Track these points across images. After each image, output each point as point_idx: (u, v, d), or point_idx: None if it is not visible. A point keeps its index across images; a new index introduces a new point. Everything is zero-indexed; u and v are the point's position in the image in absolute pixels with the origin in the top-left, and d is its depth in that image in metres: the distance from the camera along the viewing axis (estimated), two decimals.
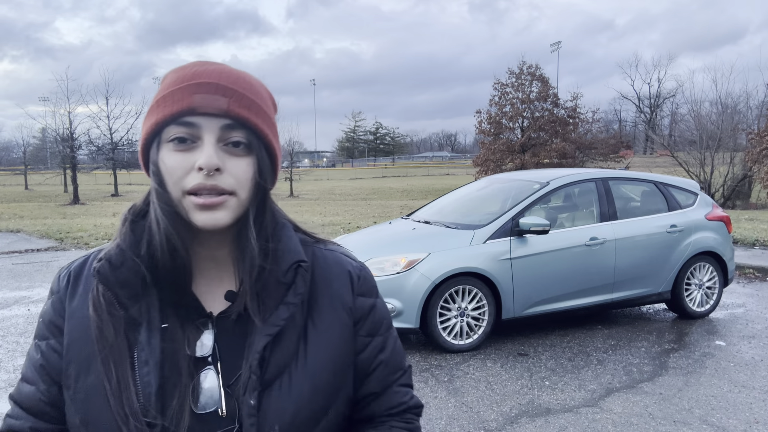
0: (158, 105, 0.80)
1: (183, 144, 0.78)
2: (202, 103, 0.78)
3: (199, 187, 0.77)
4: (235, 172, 0.79)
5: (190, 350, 0.81)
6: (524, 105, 31.88)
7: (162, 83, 0.84)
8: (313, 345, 0.86)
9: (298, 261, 0.87)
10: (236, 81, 0.81)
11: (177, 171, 0.78)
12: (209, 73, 0.80)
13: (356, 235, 6.27)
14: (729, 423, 3.68)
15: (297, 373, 0.83)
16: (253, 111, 0.81)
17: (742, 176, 22.68)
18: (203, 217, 0.78)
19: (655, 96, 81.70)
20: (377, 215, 16.76)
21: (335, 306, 0.90)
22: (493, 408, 3.96)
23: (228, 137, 0.79)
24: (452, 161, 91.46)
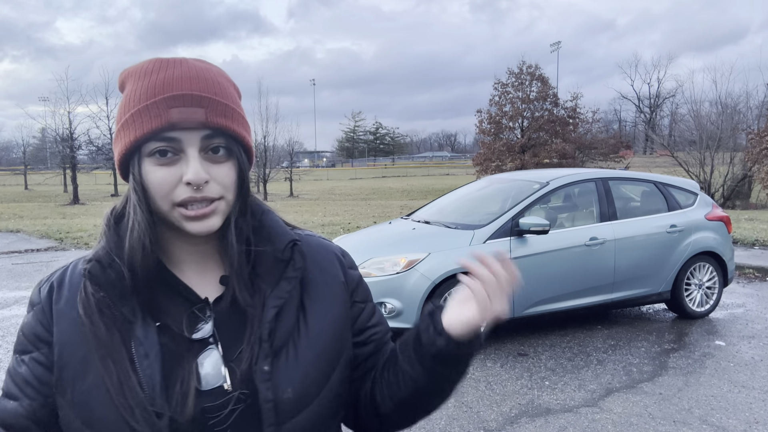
0: (134, 120, 0.81)
1: (165, 157, 0.80)
2: (181, 118, 0.79)
3: (190, 200, 0.80)
4: (220, 179, 0.82)
5: (189, 334, 0.84)
6: (524, 105, 31.88)
7: (127, 88, 0.84)
8: (312, 316, 0.91)
9: (293, 240, 0.93)
10: (208, 86, 0.82)
11: (164, 186, 0.80)
12: (181, 81, 0.81)
13: (356, 235, 6.27)
14: (729, 423, 3.68)
15: (300, 341, 0.88)
16: (230, 117, 0.83)
17: (742, 176, 22.68)
18: (196, 227, 0.82)
19: (654, 96, 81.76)
20: (377, 215, 16.76)
21: (327, 281, 0.96)
22: (493, 408, 3.96)
23: (208, 145, 0.82)
24: (452, 161, 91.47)
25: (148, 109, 0.79)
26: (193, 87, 0.81)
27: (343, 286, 0.97)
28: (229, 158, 0.84)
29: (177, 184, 0.80)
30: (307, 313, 0.91)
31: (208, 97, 0.81)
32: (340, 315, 0.95)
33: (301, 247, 0.94)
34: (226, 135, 0.83)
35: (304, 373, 0.87)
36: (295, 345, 0.88)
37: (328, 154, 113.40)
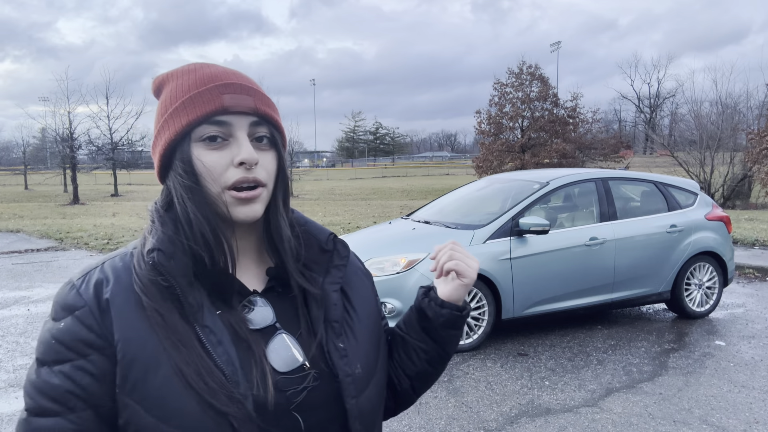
0: (184, 107, 0.84)
1: (214, 142, 0.83)
2: (233, 103, 0.83)
3: (242, 180, 0.83)
4: (265, 165, 0.86)
5: (250, 323, 0.87)
6: (524, 105, 31.86)
7: (167, 89, 0.88)
8: (355, 301, 0.97)
9: (332, 233, 1.00)
10: (251, 82, 0.89)
11: (216, 168, 0.83)
12: (227, 74, 0.87)
13: (356, 235, 6.27)
14: (729, 423, 3.68)
15: (354, 323, 0.94)
16: (272, 108, 0.89)
17: (742, 176, 22.66)
18: (243, 211, 0.84)
19: (654, 96, 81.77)
20: (377, 215, 16.76)
21: (357, 273, 1.03)
22: (493, 408, 3.96)
23: (255, 133, 0.86)
24: (452, 161, 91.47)
25: (200, 95, 0.83)
26: (240, 78, 0.87)
27: (367, 276, 1.06)
28: (271, 148, 0.88)
29: (228, 167, 0.83)
30: (351, 299, 0.97)
31: (254, 88, 0.87)
32: (375, 303, 1.03)
33: (340, 239, 1.00)
34: (270, 124, 0.88)
35: (365, 351, 0.93)
36: (351, 327, 0.93)
37: (328, 154, 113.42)
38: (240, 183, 0.83)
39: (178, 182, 0.84)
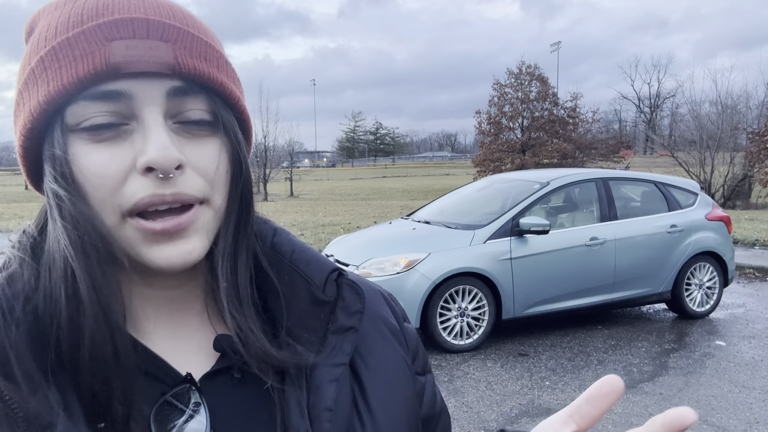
0: (44, 67, 0.47)
1: (106, 130, 0.47)
2: (129, 55, 0.46)
3: (152, 200, 0.47)
4: (202, 166, 0.50)
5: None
6: (523, 105, 31.88)
7: (38, 28, 0.51)
8: (374, 391, 0.57)
9: (336, 268, 0.59)
10: (174, 13, 0.50)
11: (107, 179, 0.47)
12: (127, 3, 0.49)
13: (356, 235, 6.28)
14: (729, 423, 3.68)
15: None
16: (213, 61, 0.51)
17: (742, 176, 22.66)
18: (166, 254, 0.48)
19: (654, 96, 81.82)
20: (377, 215, 16.76)
21: (382, 331, 0.62)
22: (493, 408, 3.96)
23: (180, 110, 0.49)
24: (452, 161, 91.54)
25: (71, 43, 0.47)
26: (149, 11, 0.49)
27: (401, 341, 0.63)
28: (215, 132, 0.51)
29: (127, 174, 0.47)
30: (366, 392, 0.56)
31: (175, 26, 0.49)
32: (411, 394, 0.61)
33: (350, 278, 0.60)
34: (208, 91, 0.50)
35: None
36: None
37: (329, 154, 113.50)
38: (146, 204, 0.47)
39: (52, 201, 0.48)
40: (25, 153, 0.50)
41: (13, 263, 0.50)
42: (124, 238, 0.48)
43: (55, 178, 0.47)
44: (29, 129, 0.48)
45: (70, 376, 0.47)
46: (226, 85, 0.51)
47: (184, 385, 0.51)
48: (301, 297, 0.57)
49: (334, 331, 0.56)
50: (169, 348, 0.54)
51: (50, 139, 0.48)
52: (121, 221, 0.48)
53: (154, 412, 0.49)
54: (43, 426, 0.44)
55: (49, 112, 0.47)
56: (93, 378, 0.46)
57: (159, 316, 0.55)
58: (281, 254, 0.59)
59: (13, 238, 0.53)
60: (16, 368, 0.44)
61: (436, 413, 0.66)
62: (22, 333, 0.46)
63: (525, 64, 32.37)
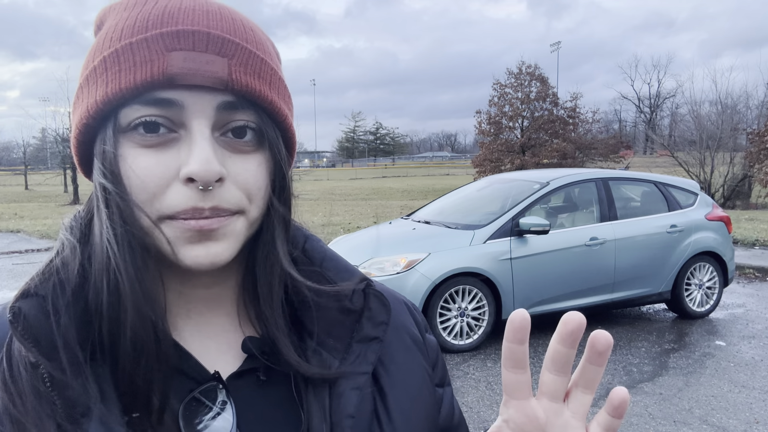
0: (106, 68, 0.49)
1: (154, 134, 0.49)
2: (186, 68, 0.48)
3: (192, 212, 0.49)
4: (243, 179, 0.51)
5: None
6: (523, 105, 31.88)
7: (105, 26, 0.53)
8: (395, 401, 0.58)
9: (365, 279, 0.60)
10: (234, 27, 0.52)
11: (150, 183, 0.49)
12: (192, 13, 0.50)
13: (356, 235, 6.28)
14: (729, 423, 3.69)
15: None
16: (266, 78, 0.52)
17: (742, 176, 22.66)
18: (195, 253, 0.50)
19: (654, 96, 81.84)
20: (377, 215, 16.76)
21: (405, 341, 0.63)
22: (493, 408, 3.96)
23: (227, 122, 0.51)
24: (452, 161, 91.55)
25: (132, 49, 0.48)
26: (211, 24, 0.50)
27: (423, 353, 0.65)
28: (258, 148, 0.53)
29: (171, 180, 0.49)
30: (388, 401, 0.57)
31: (233, 42, 0.50)
32: (431, 405, 0.63)
33: (378, 288, 0.61)
34: (257, 108, 0.52)
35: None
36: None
37: (328, 154, 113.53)
38: (186, 216, 0.49)
39: (99, 192, 0.50)
40: (79, 145, 0.53)
41: (66, 248, 0.52)
42: (159, 236, 0.50)
43: (104, 174, 0.49)
44: (84, 125, 0.51)
45: (108, 366, 0.49)
46: (276, 103, 0.53)
47: (212, 383, 0.53)
48: (329, 305, 0.58)
49: (359, 340, 0.57)
50: (199, 346, 0.56)
51: (102, 136, 0.50)
52: (158, 221, 0.50)
53: (182, 408, 0.51)
54: (80, 412, 0.46)
55: (104, 112, 0.49)
56: (133, 368, 0.48)
57: (191, 314, 0.57)
58: (312, 261, 0.61)
59: (66, 221, 0.55)
60: (62, 354, 0.46)
61: (453, 426, 0.66)
62: (70, 320, 0.48)
63: (525, 64, 32.39)
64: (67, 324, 0.48)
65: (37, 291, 0.49)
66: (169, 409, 0.50)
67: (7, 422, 0.46)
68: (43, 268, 0.51)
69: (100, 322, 0.49)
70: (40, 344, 0.46)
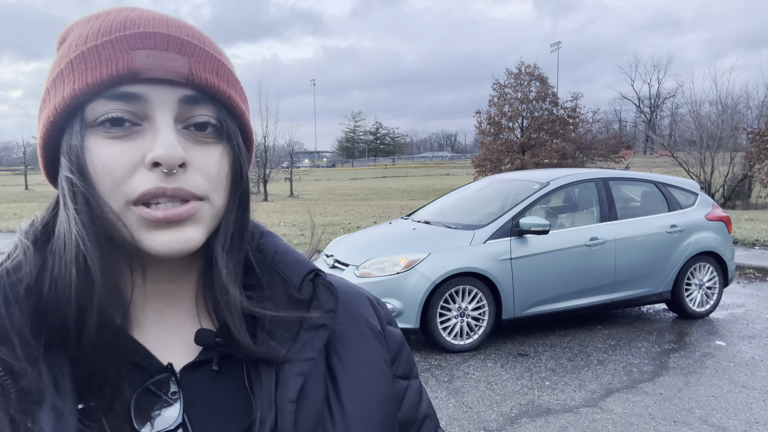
0: (72, 68, 0.52)
1: (120, 127, 0.52)
2: (150, 64, 0.51)
3: (155, 192, 0.51)
4: (204, 168, 0.54)
5: (138, 426, 0.52)
6: (523, 105, 31.89)
7: (67, 40, 0.56)
8: (347, 388, 0.61)
9: (314, 269, 0.63)
10: (192, 32, 0.56)
11: (116, 170, 0.51)
12: (152, 20, 0.54)
13: (356, 235, 6.28)
14: (729, 423, 3.68)
15: (335, 430, 0.58)
16: (224, 77, 0.56)
17: (742, 176, 22.66)
18: (164, 239, 0.52)
19: (655, 96, 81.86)
20: (377, 215, 16.76)
21: (363, 331, 0.66)
22: (493, 408, 3.96)
23: (189, 116, 0.54)
24: (452, 161, 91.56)
25: (98, 50, 0.52)
26: (170, 28, 0.54)
27: (381, 343, 0.67)
28: (218, 140, 0.56)
29: (136, 167, 0.51)
30: (339, 384, 0.60)
31: (192, 43, 0.54)
32: (386, 394, 0.64)
33: (328, 279, 0.64)
34: (217, 102, 0.56)
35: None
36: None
37: (328, 154, 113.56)
38: (152, 195, 0.51)
39: (66, 187, 0.52)
40: (45, 145, 0.55)
41: (19, 251, 0.55)
42: (128, 225, 0.52)
43: (70, 168, 0.52)
44: (51, 122, 0.53)
45: (65, 357, 0.51)
46: (233, 99, 0.57)
47: (165, 374, 0.55)
48: (279, 296, 0.61)
49: (306, 329, 0.60)
50: (156, 340, 0.57)
51: (69, 132, 0.53)
52: (125, 208, 0.52)
53: (135, 398, 0.53)
54: (33, 401, 0.48)
55: (72, 108, 0.52)
56: (91, 358, 0.50)
57: (151, 309, 0.59)
58: (264, 254, 0.64)
59: (23, 225, 0.58)
60: (17, 344, 0.49)
61: (418, 417, 0.69)
62: (24, 315, 0.50)
63: (524, 64, 32.40)
64: (20, 317, 0.50)
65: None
66: (122, 398, 0.52)
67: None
68: (6, 260, 0.54)
69: (59, 315, 0.51)
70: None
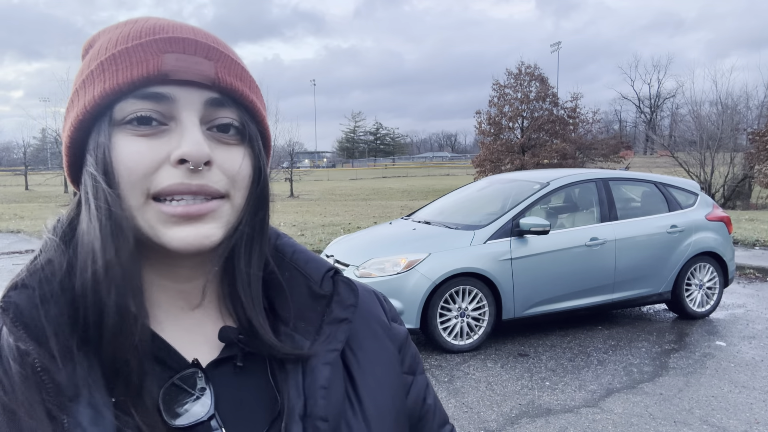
0: (103, 70, 0.54)
1: (147, 126, 0.53)
2: (178, 66, 0.53)
3: (179, 187, 0.53)
4: (228, 167, 0.56)
5: (171, 419, 0.54)
6: (523, 105, 31.89)
7: (94, 46, 0.58)
8: (364, 384, 0.63)
9: (332, 268, 0.66)
10: (216, 40, 0.59)
11: (141, 165, 0.52)
12: (179, 27, 0.57)
13: (356, 235, 6.28)
14: (729, 423, 3.68)
15: (356, 422, 0.60)
16: (246, 82, 0.59)
17: (743, 176, 22.66)
18: (183, 234, 0.53)
19: (655, 96, 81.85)
20: (377, 215, 16.75)
21: (374, 329, 0.68)
22: (494, 408, 3.96)
23: (213, 118, 0.56)
24: (452, 161, 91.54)
25: (129, 52, 0.54)
26: (197, 35, 0.56)
27: (391, 339, 0.70)
28: (240, 142, 0.58)
29: (161, 164, 0.53)
30: (355, 380, 0.63)
31: (217, 49, 0.57)
32: (398, 390, 0.67)
33: (346, 277, 0.67)
34: (240, 106, 0.58)
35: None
36: (349, 428, 0.59)
37: (329, 154, 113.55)
38: (173, 191, 0.53)
39: (89, 184, 0.53)
40: (72, 144, 0.56)
41: (50, 247, 0.56)
42: (146, 219, 0.53)
43: (95, 164, 0.53)
44: (80, 121, 0.54)
45: (94, 351, 0.51)
46: (255, 103, 0.59)
47: (192, 370, 0.57)
48: (300, 291, 0.64)
49: (329, 322, 0.62)
50: (178, 338, 0.59)
51: (97, 130, 0.54)
52: (145, 203, 0.53)
53: (162, 393, 0.54)
54: (69, 397, 0.49)
55: (101, 107, 0.53)
56: (114, 353, 0.51)
57: (171, 307, 0.60)
58: (282, 254, 0.66)
59: (49, 223, 0.59)
60: (53, 342, 0.50)
61: (422, 412, 0.71)
62: (59, 309, 0.52)
63: (524, 64, 32.40)
64: (56, 312, 0.51)
65: (25, 284, 0.53)
66: (150, 394, 0.53)
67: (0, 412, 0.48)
68: (29, 266, 0.55)
69: (85, 310, 0.52)
70: (31, 331, 0.50)
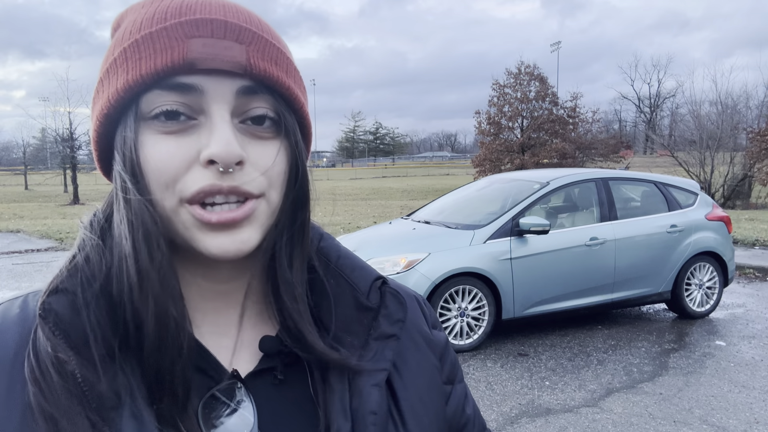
0: (126, 58, 0.50)
1: (175, 121, 0.49)
2: (206, 53, 0.48)
3: (211, 189, 0.49)
4: (262, 164, 0.51)
5: (208, 431, 0.51)
6: (523, 105, 31.88)
7: (121, 26, 0.54)
8: (406, 401, 0.58)
9: (379, 277, 0.61)
10: (249, 18, 0.53)
11: (170, 166, 0.48)
12: (209, 5, 0.51)
13: (356, 235, 6.27)
14: (729, 423, 3.68)
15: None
16: (282, 66, 0.53)
17: (742, 176, 22.65)
18: (218, 242, 0.50)
19: (655, 96, 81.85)
20: (377, 215, 16.75)
21: (416, 339, 0.63)
22: (493, 408, 3.96)
23: (246, 109, 0.51)
24: (452, 161, 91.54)
25: (152, 38, 0.49)
26: (228, 14, 0.51)
27: (432, 349, 0.65)
28: (276, 135, 0.52)
29: (191, 164, 0.49)
30: (400, 402, 0.57)
31: (250, 30, 0.51)
32: (441, 404, 0.63)
33: (393, 286, 0.62)
34: (275, 94, 0.52)
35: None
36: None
37: (328, 154, 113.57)
38: (205, 194, 0.49)
39: (118, 183, 0.50)
40: (99, 138, 0.53)
41: (87, 245, 0.52)
42: (181, 223, 0.50)
43: (123, 163, 0.49)
44: (105, 115, 0.51)
45: (135, 358, 0.48)
46: (292, 90, 0.53)
47: (231, 381, 0.53)
48: (346, 302, 0.58)
49: (376, 338, 0.57)
50: (215, 343, 0.55)
51: (123, 124, 0.50)
52: (178, 206, 0.49)
53: (201, 405, 0.51)
54: (111, 407, 0.46)
55: (126, 100, 0.49)
56: (157, 359, 0.48)
57: (208, 309, 0.56)
58: (327, 258, 0.61)
59: (84, 219, 0.55)
60: (94, 349, 0.47)
61: (461, 424, 0.67)
62: (100, 315, 0.48)
63: (524, 64, 32.39)
64: (98, 318, 0.48)
65: (65, 287, 0.49)
66: (192, 405, 0.50)
67: (41, 420, 0.45)
68: (67, 265, 0.51)
69: (124, 315, 0.49)
70: (71, 339, 0.46)
